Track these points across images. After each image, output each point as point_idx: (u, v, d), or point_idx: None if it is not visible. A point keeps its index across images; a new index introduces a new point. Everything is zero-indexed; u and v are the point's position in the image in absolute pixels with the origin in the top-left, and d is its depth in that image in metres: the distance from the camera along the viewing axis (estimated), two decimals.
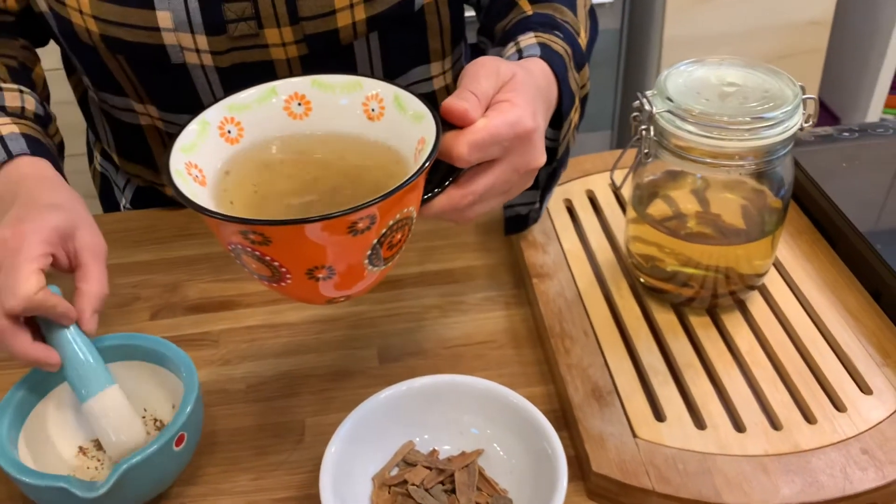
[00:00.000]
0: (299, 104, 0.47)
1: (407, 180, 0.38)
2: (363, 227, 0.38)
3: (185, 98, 0.63)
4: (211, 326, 0.61)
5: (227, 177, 0.45)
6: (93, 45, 0.60)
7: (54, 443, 0.49)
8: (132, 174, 0.74)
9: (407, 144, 0.44)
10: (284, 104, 0.47)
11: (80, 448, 0.50)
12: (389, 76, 0.67)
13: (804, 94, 0.50)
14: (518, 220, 0.63)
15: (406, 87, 0.45)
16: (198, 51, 0.59)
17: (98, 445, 0.51)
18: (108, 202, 0.80)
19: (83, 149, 0.84)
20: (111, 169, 0.78)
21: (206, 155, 0.44)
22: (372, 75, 0.48)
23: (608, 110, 1.83)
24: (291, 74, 0.62)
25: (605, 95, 1.80)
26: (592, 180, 0.69)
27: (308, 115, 0.47)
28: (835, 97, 1.90)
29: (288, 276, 0.40)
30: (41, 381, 0.49)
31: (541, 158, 0.46)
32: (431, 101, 0.50)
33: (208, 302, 0.63)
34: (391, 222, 0.40)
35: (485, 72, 0.45)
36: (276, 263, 0.39)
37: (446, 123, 0.43)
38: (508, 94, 0.45)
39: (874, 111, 1.82)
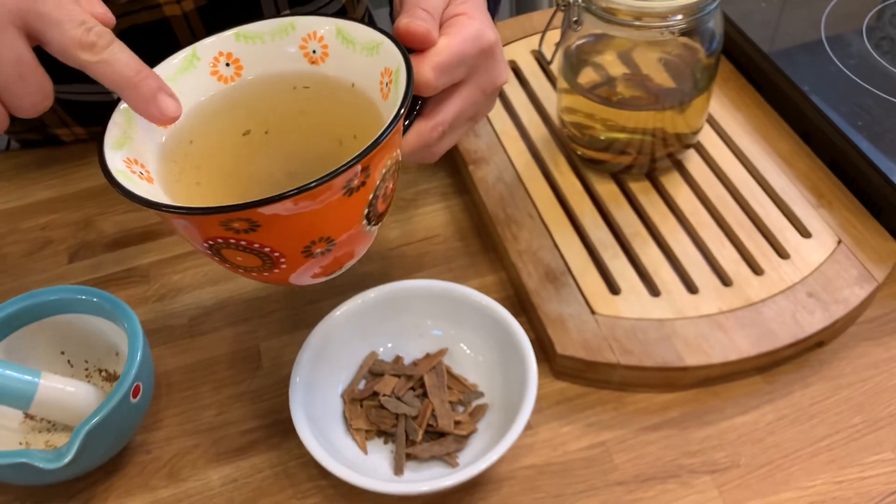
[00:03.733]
0: (227, 64, 0.41)
1: (395, 116, 0.34)
2: (359, 184, 0.33)
3: (74, 71, 0.56)
4: (137, 261, 0.57)
5: (174, 164, 0.39)
6: None
7: None
8: (14, 131, 0.66)
9: (366, 80, 0.39)
10: (211, 68, 0.40)
11: (26, 414, 0.48)
12: None
13: None
14: None
15: (347, 18, 0.40)
16: None
17: None
18: None
19: None
20: None
21: (141, 146, 0.38)
22: (306, 12, 0.41)
23: None
24: (191, 29, 0.55)
25: None
26: (513, 49, 0.66)
27: (240, 75, 0.41)
28: None
29: (282, 260, 0.35)
30: None
31: (506, 73, 0.43)
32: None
33: (128, 234, 0.59)
34: (384, 171, 0.35)
35: None
36: (266, 250, 0.34)
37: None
38: (461, 6, 0.41)
39: None
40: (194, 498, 0.45)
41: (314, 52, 0.40)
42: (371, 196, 0.35)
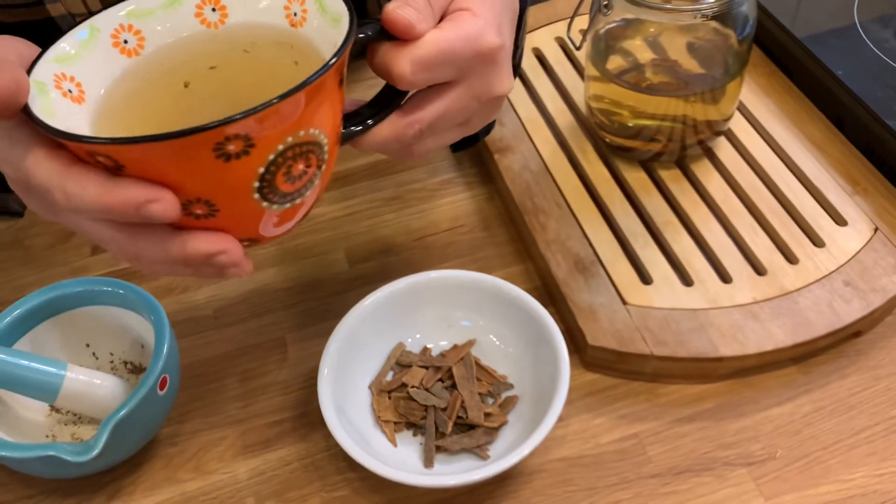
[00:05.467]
0: (213, 9, 0.39)
1: (297, 87, 0.31)
2: (237, 151, 0.31)
3: None
4: None
5: (118, 94, 0.37)
6: None
7: (21, 408, 0.46)
8: None
9: (325, 54, 0.36)
10: (196, 10, 0.39)
11: (52, 407, 0.47)
12: None
13: None
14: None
15: None
16: (91, 14, 0.49)
17: None
18: None
19: None
20: None
21: (92, 68, 0.36)
22: None
23: None
24: None
25: None
26: (537, 36, 0.65)
27: (224, 23, 0.39)
28: None
29: None
30: None
31: (507, 83, 0.39)
32: None
33: None
34: (282, 147, 0.32)
35: None
36: None
37: (390, 35, 0.35)
38: (469, 1, 0.37)
39: None
40: (222, 491, 0.45)
41: (295, 14, 0.38)
42: (261, 170, 0.32)
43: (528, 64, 0.63)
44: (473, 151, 0.61)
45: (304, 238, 0.57)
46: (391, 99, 0.38)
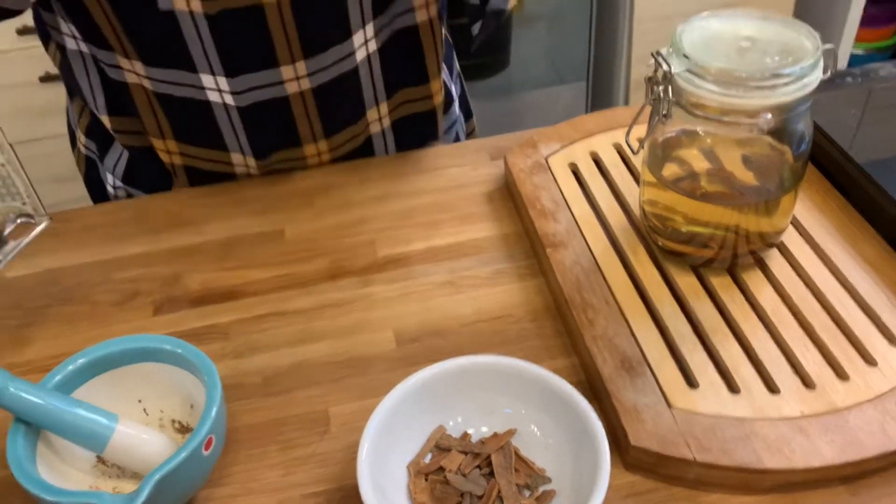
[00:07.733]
0: None
1: None
2: None
3: (172, 51, 0.60)
4: (218, 318, 0.59)
5: None
6: None
7: (69, 456, 0.47)
8: (121, 131, 0.70)
9: None
10: None
11: (98, 458, 0.49)
12: (389, 92, 0.69)
13: (822, 45, 0.49)
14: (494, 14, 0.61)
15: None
16: None
17: None
18: (95, 185, 0.77)
19: (64, 129, 0.80)
20: (96, 147, 0.75)
21: None
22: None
23: (582, 61, 1.80)
24: (282, 18, 0.57)
25: (578, 46, 1.77)
26: (595, 141, 0.68)
27: None
28: None
29: None
30: None
31: None
32: None
33: (212, 292, 0.61)
34: None
35: None
36: None
37: None
38: None
39: (845, 47, 1.82)
40: None
41: None
42: None
43: (585, 166, 0.66)
44: (526, 245, 0.62)
45: (356, 314, 0.58)
46: None
